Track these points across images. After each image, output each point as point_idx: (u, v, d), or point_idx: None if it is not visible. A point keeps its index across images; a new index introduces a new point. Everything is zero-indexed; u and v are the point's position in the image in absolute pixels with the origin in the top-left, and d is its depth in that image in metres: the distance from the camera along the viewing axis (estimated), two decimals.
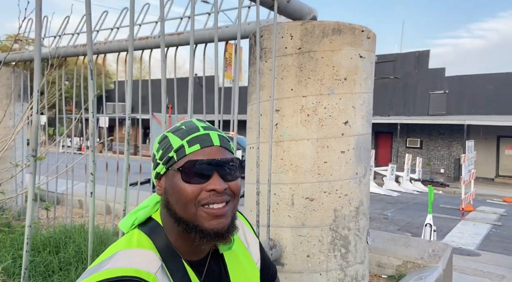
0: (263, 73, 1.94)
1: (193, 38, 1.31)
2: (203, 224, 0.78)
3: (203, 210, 0.78)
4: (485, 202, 12.46)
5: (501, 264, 5.64)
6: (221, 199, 0.79)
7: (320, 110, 1.84)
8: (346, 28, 1.84)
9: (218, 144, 0.83)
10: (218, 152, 0.81)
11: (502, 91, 19.36)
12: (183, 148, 0.80)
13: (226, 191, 0.80)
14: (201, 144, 0.80)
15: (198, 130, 0.83)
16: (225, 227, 0.79)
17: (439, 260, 2.24)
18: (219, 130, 0.89)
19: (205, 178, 0.78)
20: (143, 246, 0.80)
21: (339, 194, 1.85)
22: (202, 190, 0.78)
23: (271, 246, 1.76)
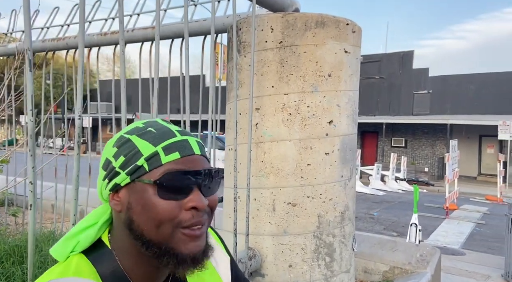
0: (242, 69, 1.80)
1: (158, 33, 1.17)
2: (179, 248, 0.65)
3: (181, 232, 0.65)
4: (469, 200, 12.60)
5: (486, 264, 5.64)
6: (202, 220, 0.66)
7: (303, 109, 1.72)
8: (330, 21, 1.72)
9: (199, 152, 0.69)
10: (199, 162, 0.68)
11: (484, 91, 19.71)
12: (157, 155, 0.65)
13: (205, 209, 0.67)
14: (180, 152, 0.67)
15: (174, 135, 0.69)
16: (201, 250, 0.67)
17: (427, 265, 2.15)
18: (194, 136, 0.75)
19: (184, 193, 0.65)
20: (82, 274, 0.66)
21: (323, 198, 1.73)
22: (181, 208, 0.65)
23: (250, 256, 1.63)
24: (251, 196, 1.74)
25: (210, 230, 0.90)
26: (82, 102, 2.24)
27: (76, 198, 0.99)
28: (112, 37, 2.38)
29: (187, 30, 1.33)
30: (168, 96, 2.28)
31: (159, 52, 1.34)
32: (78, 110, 0.97)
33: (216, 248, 0.87)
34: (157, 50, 1.22)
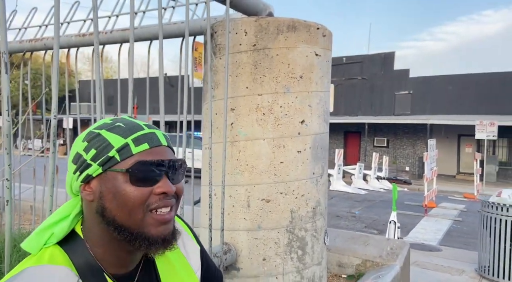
0: (217, 70, 1.87)
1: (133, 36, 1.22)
2: (150, 231, 0.72)
3: (151, 216, 0.72)
4: (447, 198, 12.97)
5: (461, 259, 5.85)
6: (170, 202, 0.73)
7: (276, 109, 1.80)
8: (301, 25, 1.80)
9: (165, 144, 0.77)
10: (165, 152, 0.76)
11: (462, 92, 20.28)
12: (128, 146, 0.72)
13: (173, 194, 0.74)
14: (149, 143, 0.73)
15: (142, 128, 0.76)
16: (170, 232, 0.74)
17: (397, 258, 2.26)
18: (160, 129, 0.83)
19: (154, 181, 0.72)
20: (56, 261, 0.71)
21: (296, 194, 1.81)
22: (151, 193, 0.71)
23: (225, 251, 1.69)
24: (226, 193, 1.81)
25: (181, 221, 0.97)
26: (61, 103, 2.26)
27: (52, 195, 1.04)
28: (91, 39, 2.40)
29: (162, 34, 1.39)
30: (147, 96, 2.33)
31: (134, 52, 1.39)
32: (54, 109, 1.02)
33: (187, 238, 0.94)
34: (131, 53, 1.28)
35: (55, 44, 0.99)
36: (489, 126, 14.95)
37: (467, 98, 20.10)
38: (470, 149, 20.21)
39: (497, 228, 4.75)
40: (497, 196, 5.07)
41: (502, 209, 4.75)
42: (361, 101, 23.17)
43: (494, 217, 4.80)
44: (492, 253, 4.79)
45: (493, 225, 4.80)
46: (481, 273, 4.97)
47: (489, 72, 19.95)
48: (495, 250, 4.74)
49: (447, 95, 20.76)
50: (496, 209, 4.81)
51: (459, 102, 20.36)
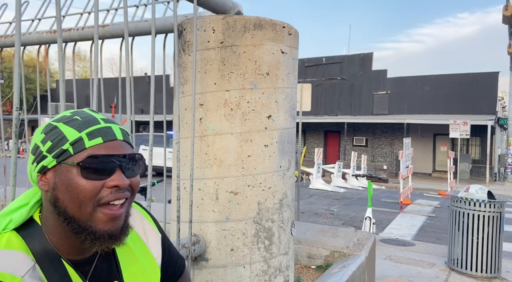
0: (186, 67, 1.92)
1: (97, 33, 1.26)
2: (97, 226, 0.74)
3: (101, 211, 0.74)
4: (422, 195, 13.36)
5: (433, 253, 6.06)
6: (123, 195, 0.75)
7: (244, 105, 1.86)
8: (267, 24, 1.87)
9: (121, 138, 0.79)
10: (120, 146, 0.77)
11: (437, 92, 20.90)
12: (81, 140, 0.74)
13: (127, 187, 0.77)
14: (103, 137, 0.76)
15: (98, 122, 0.78)
16: (119, 228, 0.76)
17: (363, 248, 2.36)
18: (118, 124, 0.86)
19: (106, 174, 0.74)
20: (12, 246, 0.73)
21: (263, 187, 1.88)
22: (103, 186, 0.74)
23: (194, 242, 1.74)
24: (196, 186, 1.86)
25: (142, 210, 1.00)
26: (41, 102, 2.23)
27: (14, 184, 1.06)
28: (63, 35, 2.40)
29: (127, 31, 1.43)
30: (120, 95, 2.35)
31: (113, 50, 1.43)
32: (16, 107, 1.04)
33: (147, 226, 0.98)
34: (96, 50, 1.31)
35: (16, 41, 1.02)
36: (462, 126, 15.46)
37: (442, 98, 20.73)
38: (445, 148, 20.84)
39: (465, 222, 4.96)
40: (465, 191, 5.29)
41: (469, 204, 4.96)
42: (341, 101, 23.54)
43: (463, 212, 5.01)
44: (460, 246, 4.99)
45: (462, 219, 5.01)
46: (451, 265, 5.18)
47: (462, 73, 20.62)
48: (464, 243, 4.95)
49: (423, 95, 21.35)
50: (464, 204, 5.02)
51: (434, 102, 20.97)
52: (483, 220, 4.86)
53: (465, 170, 18.90)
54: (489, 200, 4.91)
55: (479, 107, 19.64)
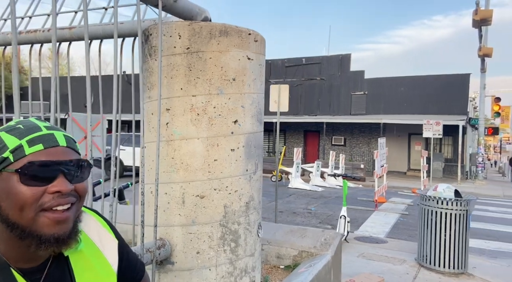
0: (153, 72, 1.93)
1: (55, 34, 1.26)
2: (42, 230, 0.74)
3: (44, 215, 0.74)
4: (397, 193, 13.72)
5: (404, 250, 6.25)
6: (67, 200, 0.76)
7: (210, 110, 1.89)
8: (233, 31, 1.91)
9: (64, 144, 0.80)
10: (63, 152, 0.79)
11: (412, 93, 21.46)
12: (21, 147, 0.75)
13: (71, 193, 0.77)
14: (44, 144, 0.77)
15: (40, 129, 0.79)
16: (66, 232, 0.77)
17: (329, 247, 2.43)
18: (63, 131, 0.87)
19: (48, 180, 0.75)
20: None
21: (229, 190, 1.91)
22: (45, 192, 0.74)
23: (159, 246, 1.76)
24: (162, 190, 1.88)
25: (99, 217, 1.01)
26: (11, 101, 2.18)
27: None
28: (27, 36, 2.37)
29: (87, 35, 1.44)
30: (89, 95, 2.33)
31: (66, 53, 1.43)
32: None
33: (103, 232, 0.99)
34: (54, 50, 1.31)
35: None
36: (435, 126, 15.94)
37: (417, 98, 21.30)
38: (419, 147, 21.43)
39: (433, 220, 5.14)
40: (434, 190, 5.48)
41: (437, 202, 5.14)
42: (320, 101, 23.84)
43: (431, 210, 5.20)
44: (429, 243, 5.17)
45: (430, 217, 5.19)
46: (420, 262, 5.36)
47: (436, 75, 21.26)
48: (432, 240, 5.13)
49: (398, 96, 21.88)
50: (432, 202, 5.20)
51: (409, 102, 21.52)
52: (450, 218, 5.05)
53: (438, 168, 19.51)
54: (456, 199, 5.11)
55: (451, 108, 20.30)
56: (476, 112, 24.89)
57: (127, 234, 3.28)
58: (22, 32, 2.39)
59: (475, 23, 18.01)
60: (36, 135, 0.78)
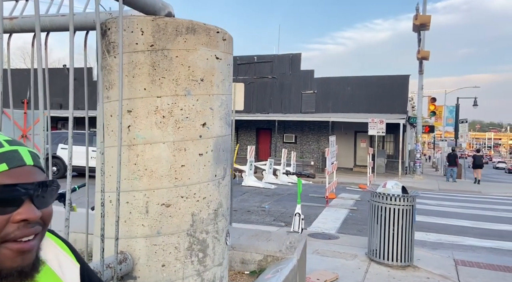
0: (112, 70, 1.76)
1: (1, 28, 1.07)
2: (4, 264, 0.63)
3: (6, 247, 0.63)
4: (345, 189, 14.28)
5: (355, 245, 6.49)
6: (32, 230, 0.65)
7: (177, 112, 1.76)
8: (201, 28, 1.80)
9: (31, 163, 0.68)
10: (30, 173, 0.67)
11: (358, 92, 22.48)
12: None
13: (38, 220, 0.66)
14: (8, 163, 0.64)
15: (1, 145, 0.66)
16: (30, 263, 0.66)
17: (295, 251, 2.42)
18: (27, 146, 0.73)
19: (13, 206, 0.63)
20: None
21: (197, 197, 1.81)
22: (8, 221, 0.63)
23: (120, 260, 1.61)
24: (123, 199, 1.72)
25: (57, 239, 0.88)
26: None
27: None
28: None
29: (39, 26, 1.25)
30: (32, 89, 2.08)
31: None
32: None
33: (62, 257, 0.86)
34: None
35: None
36: (379, 124, 16.82)
37: (362, 98, 22.35)
38: (365, 144, 22.54)
39: (383, 215, 5.39)
40: (383, 187, 5.75)
41: (386, 198, 5.40)
42: (272, 99, 24.12)
43: (381, 206, 5.44)
44: (379, 238, 5.41)
45: (380, 213, 5.43)
46: (371, 256, 5.60)
47: (379, 75, 22.45)
48: (381, 235, 5.38)
49: (345, 95, 22.80)
50: (382, 199, 5.44)
51: (355, 101, 22.52)
52: (398, 213, 5.32)
53: (381, 164, 20.65)
54: (403, 195, 5.40)
55: (393, 107, 21.57)
56: (414, 111, 26.69)
57: (75, 243, 3.02)
58: None
59: (415, 28, 19.24)
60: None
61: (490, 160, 64.18)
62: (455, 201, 12.81)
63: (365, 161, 19.45)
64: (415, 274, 5.15)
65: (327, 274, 4.97)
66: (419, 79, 21.23)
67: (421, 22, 18.54)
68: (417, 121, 21.43)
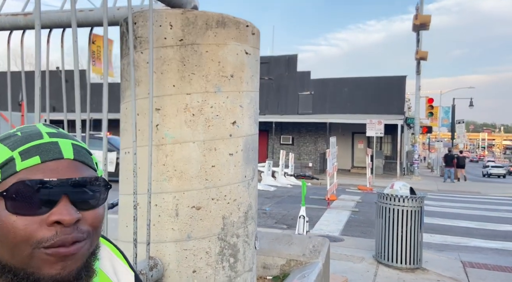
0: (139, 66, 1.67)
1: None
2: (41, 270, 0.54)
3: (44, 251, 0.54)
4: (345, 191, 14.24)
5: (361, 247, 6.42)
6: (71, 237, 0.55)
7: (207, 110, 1.68)
8: (231, 22, 1.72)
9: (71, 157, 0.58)
10: (70, 168, 0.58)
11: (355, 93, 22.51)
12: (12, 161, 0.54)
13: (79, 223, 0.56)
14: (42, 156, 0.56)
15: (40, 137, 0.58)
16: (73, 271, 0.57)
17: (319, 255, 2.34)
18: (74, 139, 0.63)
19: (46, 206, 0.54)
20: None
21: (228, 199, 1.72)
22: (42, 223, 0.54)
23: (151, 266, 1.52)
24: (152, 202, 1.63)
25: (111, 245, 0.80)
26: None
27: None
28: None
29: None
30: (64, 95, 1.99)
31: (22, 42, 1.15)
32: None
33: (118, 264, 0.79)
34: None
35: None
36: (377, 125, 16.83)
37: (359, 99, 22.38)
38: (362, 145, 22.56)
39: (391, 217, 5.32)
40: (390, 188, 5.69)
41: (394, 200, 5.33)
42: (268, 100, 24.06)
43: (388, 207, 5.37)
44: (387, 240, 5.35)
45: (387, 214, 5.37)
46: (378, 259, 5.53)
47: (376, 76, 22.51)
48: (389, 237, 5.31)
49: (342, 96, 22.82)
50: (389, 200, 5.38)
51: (352, 102, 22.55)
52: (407, 215, 5.26)
53: (379, 165, 20.67)
54: (411, 196, 5.34)
55: (390, 108, 21.62)
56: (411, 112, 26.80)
57: None
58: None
59: (415, 28, 19.32)
60: (33, 145, 0.57)
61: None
62: (455, 202, 12.83)
63: (363, 162, 19.45)
64: (425, 276, 5.09)
65: (336, 278, 4.89)
66: (417, 79, 21.32)
67: (421, 22, 18.64)
68: (415, 122, 21.51)
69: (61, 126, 0.87)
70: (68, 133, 0.64)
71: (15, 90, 8.80)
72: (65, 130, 0.70)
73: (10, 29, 2.14)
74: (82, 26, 2.10)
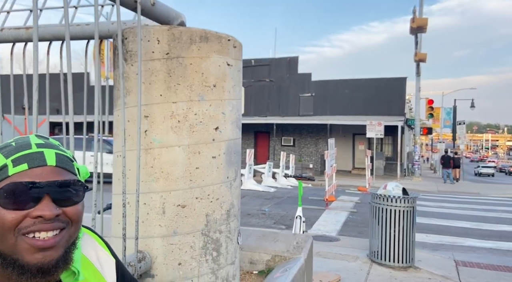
0: (129, 77, 1.84)
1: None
2: (24, 258, 0.68)
3: (24, 240, 0.68)
4: (344, 191, 14.36)
5: (356, 247, 6.56)
6: (50, 226, 0.70)
7: (191, 117, 1.85)
8: (213, 36, 1.88)
9: (54, 164, 0.73)
10: (51, 173, 0.73)
11: (355, 95, 22.62)
12: (6, 167, 0.70)
13: (59, 218, 0.71)
14: (29, 163, 0.71)
15: (29, 147, 0.73)
16: (52, 260, 0.70)
17: (302, 250, 2.49)
18: (60, 149, 0.78)
19: (31, 203, 0.69)
20: None
21: (211, 198, 1.88)
22: (27, 216, 0.69)
23: (139, 259, 1.69)
24: (141, 201, 1.79)
25: (94, 235, 0.95)
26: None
27: None
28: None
29: (68, 34, 1.33)
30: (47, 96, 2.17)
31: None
32: None
33: (100, 251, 0.93)
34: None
35: None
36: (377, 126, 16.94)
37: (360, 100, 22.48)
38: (363, 146, 22.66)
39: (384, 217, 5.46)
40: (383, 188, 5.83)
41: (387, 200, 5.47)
42: (269, 102, 24.23)
43: (382, 207, 5.51)
44: (380, 239, 5.48)
45: (381, 214, 5.51)
46: (372, 258, 5.66)
47: (377, 78, 22.62)
48: (382, 236, 5.44)
49: (343, 98, 22.93)
50: (382, 200, 5.52)
51: (352, 104, 22.66)
52: (399, 215, 5.39)
53: (379, 166, 20.76)
54: (403, 196, 5.48)
55: (390, 109, 21.71)
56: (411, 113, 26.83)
57: None
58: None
59: (412, 31, 19.42)
60: (22, 154, 0.72)
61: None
62: (454, 203, 12.92)
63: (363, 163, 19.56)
64: (416, 275, 5.22)
65: (329, 276, 5.03)
66: (416, 81, 21.41)
67: (418, 25, 18.73)
68: (415, 123, 21.59)
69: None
70: (55, 143, 0.80)
71: (19, 94, 8.91)
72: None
73: (13, 42, 2.32)
74: (79, 39, 2.28)
